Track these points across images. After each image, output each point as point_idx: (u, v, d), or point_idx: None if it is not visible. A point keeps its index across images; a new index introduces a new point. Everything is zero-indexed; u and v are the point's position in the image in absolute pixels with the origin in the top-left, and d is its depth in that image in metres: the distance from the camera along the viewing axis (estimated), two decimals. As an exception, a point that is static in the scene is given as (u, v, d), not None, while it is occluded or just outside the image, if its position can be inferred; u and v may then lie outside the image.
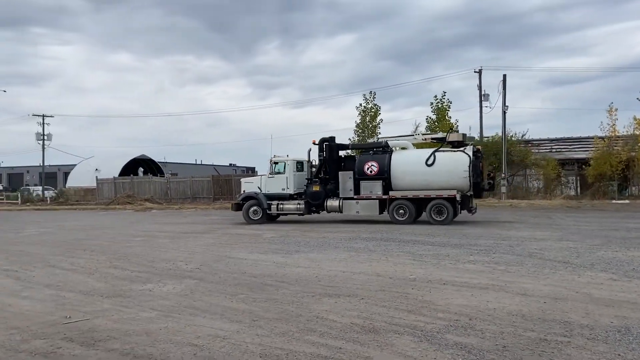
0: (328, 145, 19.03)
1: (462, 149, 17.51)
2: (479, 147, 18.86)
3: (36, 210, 36.91)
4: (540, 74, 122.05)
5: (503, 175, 30.12)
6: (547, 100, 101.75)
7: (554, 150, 35.05)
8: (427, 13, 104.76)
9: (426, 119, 32.03)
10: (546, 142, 37.29)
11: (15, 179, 76.11)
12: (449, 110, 31.52)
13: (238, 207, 19.81)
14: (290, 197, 19.16)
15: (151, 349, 4.86)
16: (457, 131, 19.59)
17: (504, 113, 30.26)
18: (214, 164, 75.45)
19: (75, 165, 57.81)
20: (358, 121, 32.19)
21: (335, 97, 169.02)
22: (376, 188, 17.91)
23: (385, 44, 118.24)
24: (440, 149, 17.69)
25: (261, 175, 20.47)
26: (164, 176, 47.47)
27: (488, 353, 4.49)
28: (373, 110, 31.98)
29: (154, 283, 8.17)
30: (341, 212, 18.70)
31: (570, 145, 36.15)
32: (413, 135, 19.76)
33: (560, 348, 4.61)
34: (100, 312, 6.37)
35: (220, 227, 18.40)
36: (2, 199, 46.38)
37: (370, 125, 31.42)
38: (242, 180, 21.71)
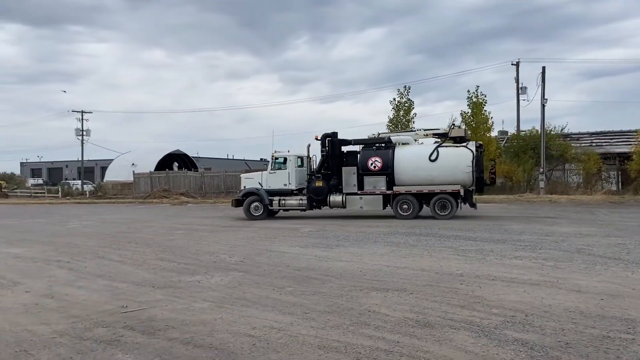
0: (330, 141, 18.91)
1: (464, 144, 17.86)
2: (481, 142, 18.99)
3: (76, 203, 38.02)
4: (576, 66, 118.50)
5: (541, 169, 29.45)
6: (584, 93, 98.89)
7: (594, 144, 34.04)
8: (460, 5, 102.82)
9: (461, 113, 31.53)
10: (586, 135, 36.28)
11: (54, 173, 78.50)
12: (484, 104, 30.92)
13: (238, 203, 19.47)
14: (292, 193, 18.98)
15: (210, 338, 4.96)
16: (459, 127, 19.50)
17: (543, 106, 29.54)
18: (245, 158, 76.24)
19: (112, 160, 59.27)
20: (391, 116, 31.92)
21: (365, 92, 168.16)
22: (380, 183, 18.08)
23: (416, 38, 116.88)
24: (443, 144, 17.97)
25: (262, 171, 20.26)
26: (197, 171, 48.18)
27: (551, 350, 4.40)
28: (407, 104, 31.65)
29: (201, 275, 8.31)
30: (344, 207, 18.65)
31: (611, 139, 35.07)
32: (415, 130, 19.70)
33: (626, 345, 4.49)
34: (154, 302, 6.53)
35: (256, 221, 18.58)
36: (44, 193, 47.94)
37: (404, 120, 31.10)
38: (242, 176, 21.20)
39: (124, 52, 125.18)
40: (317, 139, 19.07)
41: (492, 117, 31.55)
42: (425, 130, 19.52)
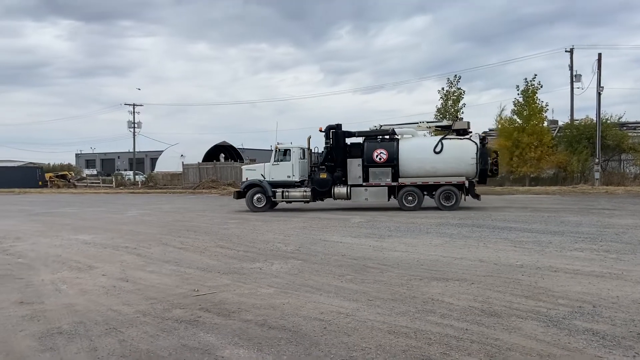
0: (335, 133, 18.87)
1: (467, 136, 18.11)
2: (485, 134, 18.92)
3: (130, 193, 39.55)
4: (632, 52, 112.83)
5: (597, 160, 28.45)
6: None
7: (654, 133, 32.55)
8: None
9: (513, 101, 30.75)
10: (644, 125, 34.69)
11: (107, 164, 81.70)
12: (537, 93, 30.02)
13: (240, 194, 19.46)
14: (295, 185, 18.93)
15: (282, 321, 5.20)
16: (462, 119, 19.35)
17: (599, 94, 28.46)
18: (289, 149, 76.78)
19: (161, 151, 61.10)
20: (439, 105, 31.52)
21: (408, 82, 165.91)
22: (385, 175, 18.19)
23: (462, 25, 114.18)
24: (447, 136, 18.18)
25: (264, 163, 20.07)
26: (243, 162, 49.08)
27: (624, 340, 4.40)
28: (456, 94, 31.16)
29: (261, 262, 8.61)
30: (349, 199, 18.66)
31: (672, 128, 33.41)
32: (418, 123, 19.64)
33: (702, 339, 4.42)
34: (222, 286, 6.86)
35: (304, 211, 18.87)
36: (99, 183, 50.07)
37: (453, 110, 30.63)
38: (244, 167, 21.06)
39: (170, 45, 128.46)
40: (321, 130, 19.08)
41: (546, 106, 30.69)
42: (427, 122, 19.54)
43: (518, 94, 30.43)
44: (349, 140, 19.16)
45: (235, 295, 6.34)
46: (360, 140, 19.03)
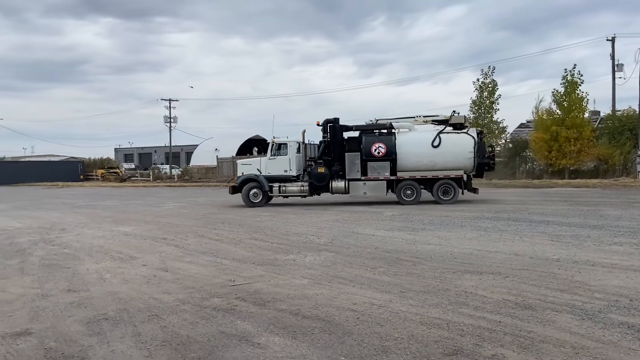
0: (332, 127, 18.66)
1: (464, 130, 18.16)
2: (481, 129, 18.89)
3: (167, 186, 40.53)
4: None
5: (639, 152, 27.48)
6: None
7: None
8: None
9: (552, 92, 29.94)
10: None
11: (144, 158, 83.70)
12: (580, 84, 29.13)
13: (235, 190, 19.22)
14: (293, 179, 18.76)
15: (316, 311, 5.33)
16: (458, 114, 19.19)
17: (642, 84, 27.40)
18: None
19: (196, 145, 62.25)
20: (474, 97, 31.02)
21: (444, 73, 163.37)
22: (384, 169, 18.09)
23: (500, 14, 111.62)
24: (444, 131, 18.11)
25: (260, 157, 19.85)
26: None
27: (662, 335, 4.33)
28: (491, 85, 30.57)
29: (294, 254, 8.76)
30: (347, 193, 18.49)
31: None
32: (414, 117, 19.45)
33: None
34: (257, 277, 7.04)
35: (337, 204, 18.97)
36: (137, 177, 51.47)
37: (487, 102, 30.10)
38: (239, 162, 20.67)
39: (205, 41, 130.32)
40: (318, 124, 18.89)
41: (587, 97, 29.77)
42: (424, 116, 19.37)
43: (561, 84, 29.58)
44: (346, 135, 18.99)
45: (269, 286, 6.50)
46: (356, 134, 18.94)
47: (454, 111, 18.86)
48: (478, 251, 8.54)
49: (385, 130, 18.69)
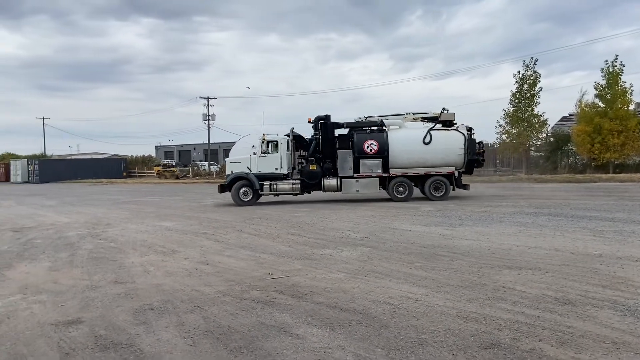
0: (324, 124, 18.42)
1: (454, 127, 18.28)
2: (471, 126, 18.71)
3: (205, 183, 41.34)
4: None
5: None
6: None
7: None
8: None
9: (594, 85, 28.97)
10: None
11: (184, 155, 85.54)
12: (621, 75, 28.07)
13: (223, 188, 18.75)
14: (284, 177, 18.49)
15: (352, 304, 5.41)
16: (447, 111, 18.83)
17: (693, 73, 26.11)
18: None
19: (233, 142, 62.94)
20: (514, 90, 30.28)
21: (482, 66, 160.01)
22: (376, 166, 18.05)
23: (541, 4, 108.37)
24: (435, 128, 18.18)
25: (250, 155, 18.97)
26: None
27: None
28: (532, 77, 29.77)
29: (331, 249, 8.86)
30: (340, 190, 18.25)
31: None
32: (404, 114, 19.20)
33: None
34: (295, 271, 7.17)
35: (372, 200, 18.96)
36: (189, 175, 52.70)
37: (528, 94, 29.33)
38: (227, 160, 19.98)
39: (242, 38, 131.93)
40: (310, 121, 18.75)
41: (632, 88, 28.63)
42: (414, 114, 19.17)
43: (602, 76, 28.60)
44: (337, 132, 18.81)
45: (307, 279, 6.62)
46: (345, 131, 18.79)
47: (443, 108, 18.95)
48: (517, 247, 8.43)
49: (376, 128, 18.66)
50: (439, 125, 18.43)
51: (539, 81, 29.83)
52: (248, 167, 18.58)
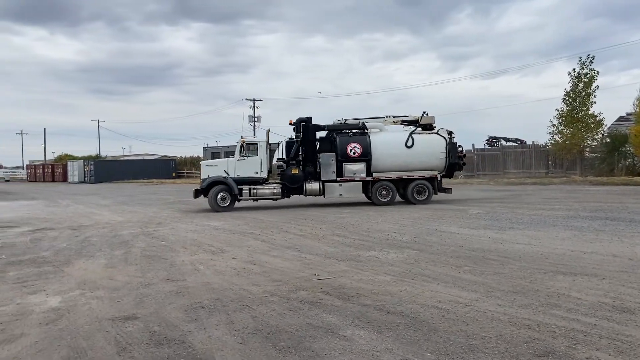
0: (305, 126, 17.86)
1: (435, 131, 18.26)
2: (451, 130, 18.45)
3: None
4: None
5: None
6: None
7: None
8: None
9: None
10: None
11: (230, 156, 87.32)
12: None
13: (198, 193, 17.82)
14: (263, 181, 17.86)
15: (400, 307, 5.37)
16: (427, 114, 18.51)
17: None
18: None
19: (278, 143, 63.82)
20: (568, 89, 29.12)
21: (534, 65, 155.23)
22: (360, 170, 17.75)
23: (596, 0, 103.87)
24: (416, 131, 18.08)
25: (227, 159, 18.48)
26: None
27: None
28: (588, 76, 28.54)
29: (377, 251, 8.82)
30: (322, 195, 17.69)
31: None
32: (384, 117, 18.76)
33: None
34: (340, 272, 7.18)
35: (419, 204, 18.71)
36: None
37: (584, 94, 28.15)
38: (203, 163, 19.02)
39: (288, 41, 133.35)
40: (291, 123, 18.25)
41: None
42: (394, 117, 18.79)
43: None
44: (318, 135, 18.37)
45: (353, 281, 6.62)
46: (324, 134, 18.38)
47: (424, 112, 18.55)
48: (572, 252, 8.13)
49: (358, 131, 18.33)
50: (419, 129, 18.32)
51: (596, 79, 28.56)
52: (226, 171, 17.72)
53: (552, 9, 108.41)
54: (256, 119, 57.27)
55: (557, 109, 29.92)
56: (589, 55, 29.34)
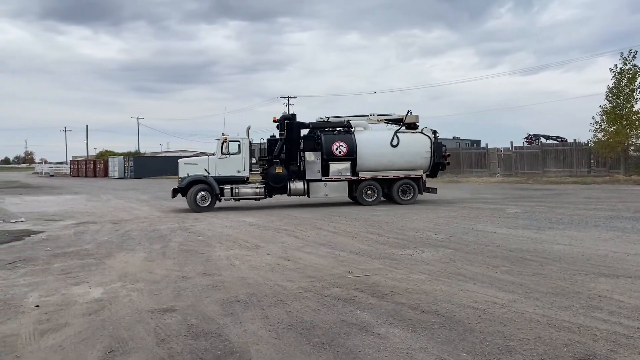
0: (289, 124, 17.37)
1: (419, 130, 18.12)
2: (435, 129, 18.09)
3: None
4: None
5: None
6: None
7: None
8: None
9: None
10: None
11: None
12: None
13: (176, 192, 17.10)
14: (245, 180, 17.14)
15: (435, 306, 5.32)
16: (411, 113, 18.21)
17: None
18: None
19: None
20: (611, 85, 28.09)
21: (577, 60, 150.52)
22: (346, 169, 17.43)
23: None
24: (400, 130, 17.88)
25: (208, 157, 17.82)
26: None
27: None
28: (631, 72, 27.46)
29: (411, 249, 8.75)
30: (307, 195, 17.16)
31: None
32: (368, 115, 18.26)
33: None
34: (374, 270, 7.16)
35: (452, 202, 18.46)
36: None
37: (627, 90, 27.10)
38: (181, 161, 17.85)
39: (323, 38, 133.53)
40: (275, 121, 17.84)
41: None
42: (378, 115, 18.33)
43: None
44: (302, 133, 17.91)
45: (387, 279, 6.59)
46: (306, 132, 17.95)
47: (408, 111, 18.17)
48: (614, 253, 7.87)
49: (343, 129, 17.97)
50: (403, 128, 18.07)
51: (639, 76, 27.40)
52: (206, 170, 16.97)
53: (597, 2, 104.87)
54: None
55: (600, 106, 28.91)
56: (631, 50, 28.21)
